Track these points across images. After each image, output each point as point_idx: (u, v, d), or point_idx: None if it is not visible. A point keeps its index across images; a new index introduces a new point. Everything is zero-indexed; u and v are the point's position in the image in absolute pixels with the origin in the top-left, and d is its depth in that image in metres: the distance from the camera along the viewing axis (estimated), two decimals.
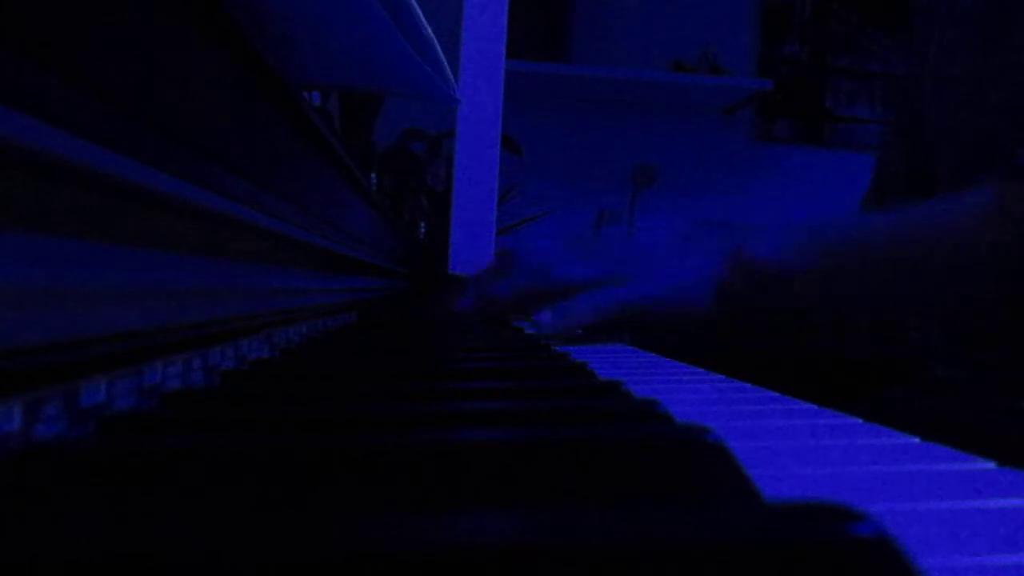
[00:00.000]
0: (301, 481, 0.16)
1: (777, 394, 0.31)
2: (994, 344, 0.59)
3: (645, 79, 2.06)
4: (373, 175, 1.38)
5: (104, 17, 0.20)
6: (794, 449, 0.21)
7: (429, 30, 0.47)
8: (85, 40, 0.19)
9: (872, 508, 0.12)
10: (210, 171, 0.29)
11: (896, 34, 2.21)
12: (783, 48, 2.30)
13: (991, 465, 0.19)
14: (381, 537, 0.11)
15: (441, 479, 0.16)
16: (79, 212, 0.20)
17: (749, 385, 0.34)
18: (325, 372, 0.35)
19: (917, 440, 0.22)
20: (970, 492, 0.17)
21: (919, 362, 0.67)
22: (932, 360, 0.65)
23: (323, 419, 0.22)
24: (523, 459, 0.16)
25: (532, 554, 0.10)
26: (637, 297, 0.56)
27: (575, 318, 0.55)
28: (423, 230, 1.57)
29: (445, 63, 0.53)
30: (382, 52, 0.47)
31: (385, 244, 0.90)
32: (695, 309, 0.57)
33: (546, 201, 2.08)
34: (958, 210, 0.55)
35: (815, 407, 0.28)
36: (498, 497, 0.16)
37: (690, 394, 0.32)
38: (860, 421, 0.25)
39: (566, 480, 0.16)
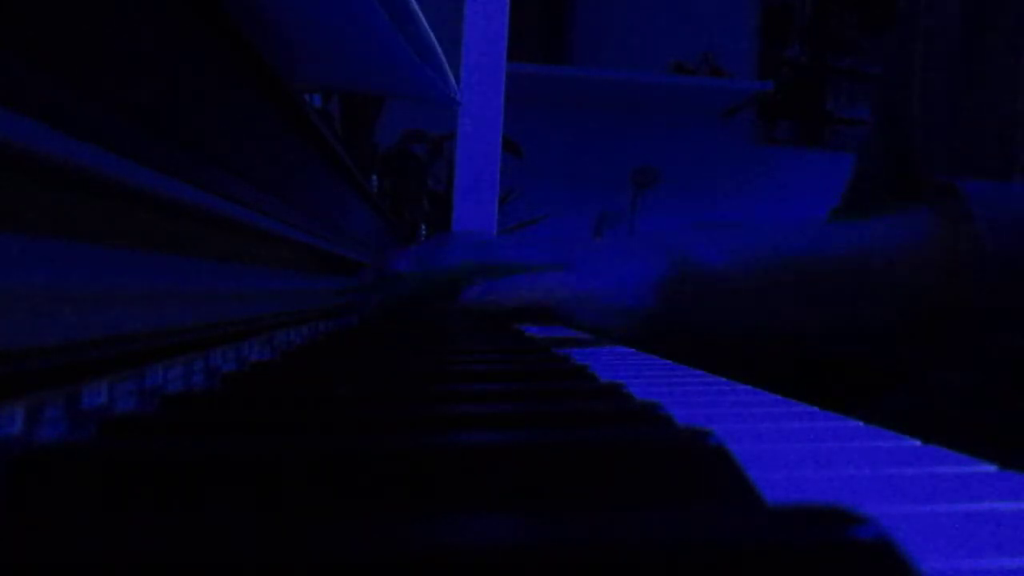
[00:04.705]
0: (302, 484, 0.16)
1: (777, 396, 0.31)
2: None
3: (646, 81, 2.06)
4: (374, 177, 1.38)
5: (103, 18, 0.20)
6: (795, 452, 0.21)
7: (430, 32, 0.47)
8: (83, 41, 0.19)
9: (873, 511, 0.12)
10: (210, 173, 0.29)
11: (883, 34, 2.21)
12: (784, 50, 2.30)
13: (993, 468, 0.19)
14: (382, 540, 0.11)
15: (441, 481, 0.16)
16: (80, 214, 0.20)
17: (749, 388, 0.34)
18: (326, 374, 0.35)
19: (918, 443, 0.22)
20: (972, 495, 0.17)
21: (919, 364, 0.67)
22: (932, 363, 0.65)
23: (324, 421, 0.22)
24: (522, 461, 0.16)
25: (529, 557, 0.10)
26: (569, 287, 0.53)
27: (499, 297, 0.52)
28: (424, 232, 1.57)
29: (446, 65, 0.53)
30: (383, 54, 0.47)
31: (386, 246, 0.90)
32: (633, 308, 0.54)
33: (547, 203, 2.08)
34: (891, 236, 0.54)
35: (815, 409, 0.28)
36: (499, 499, 0.16)
37: (691, 396, 0.32)
38: (861, 424, 0.25)
39: (567, 482, 0.16)
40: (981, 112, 0.68)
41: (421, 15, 0.45)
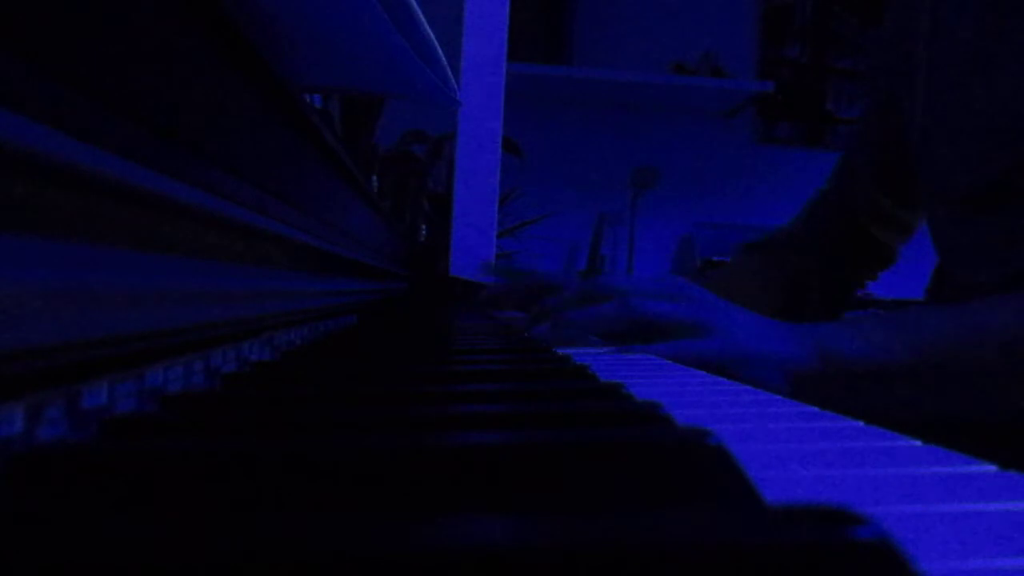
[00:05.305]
0: (303, 484, 0.16)
1: (778, 396, 0.31)
2: None
3: (646, 81, 2.07)
4: (374, 177, 1.38)
5: (103, 19, 0.20)
6: (795, 452, 0.21)
7: (430, 32, 0.47)
8: (83, 41, 0.19)
9: (873, 511, 0.12)
10: (210, 173, 0.29)
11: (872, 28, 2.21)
12: (784, 50, 2.30)
13: (992, 468, 0.19)
14: (382, 540, 0.11)
15: (441, 482, 0.16)
16: (81, 215, 0.20)
17: (750, 388, 0.34)
18: (326, 374, 0.35)
19: (919, 443, 0.22)
20: (972, 495, 0.17)
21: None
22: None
23: (324, 422, 0.22)
24: (521, 462, 0.16)
25: (529, 557, 0.10)
26: (717, 356, 0.53)
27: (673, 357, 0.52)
28: (424, 232, 1.57)
29: (446, 65, 0.53)
30: (383, 55, 0.47)
31: (386, 246, 0.90)
32: (768, 386, 0.55)
33: (547, 203, 2.08)
34: None
35: (815, 410, 0.28)
36: (499, 500, 0.16)
37: (691, 396, 0.32)
38: (861, 423, 0.25)
39: (568, 483, 0.16)
40: (990, 111, 0.68)
41: (421, 15, 0.45)
